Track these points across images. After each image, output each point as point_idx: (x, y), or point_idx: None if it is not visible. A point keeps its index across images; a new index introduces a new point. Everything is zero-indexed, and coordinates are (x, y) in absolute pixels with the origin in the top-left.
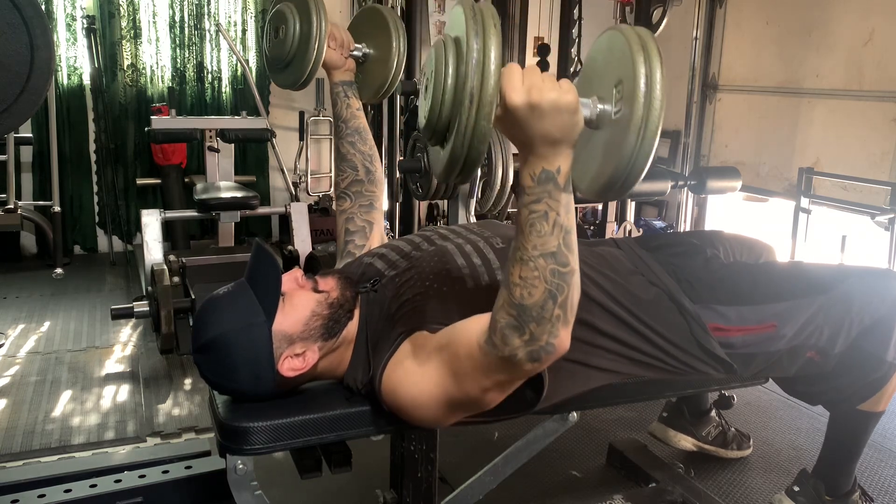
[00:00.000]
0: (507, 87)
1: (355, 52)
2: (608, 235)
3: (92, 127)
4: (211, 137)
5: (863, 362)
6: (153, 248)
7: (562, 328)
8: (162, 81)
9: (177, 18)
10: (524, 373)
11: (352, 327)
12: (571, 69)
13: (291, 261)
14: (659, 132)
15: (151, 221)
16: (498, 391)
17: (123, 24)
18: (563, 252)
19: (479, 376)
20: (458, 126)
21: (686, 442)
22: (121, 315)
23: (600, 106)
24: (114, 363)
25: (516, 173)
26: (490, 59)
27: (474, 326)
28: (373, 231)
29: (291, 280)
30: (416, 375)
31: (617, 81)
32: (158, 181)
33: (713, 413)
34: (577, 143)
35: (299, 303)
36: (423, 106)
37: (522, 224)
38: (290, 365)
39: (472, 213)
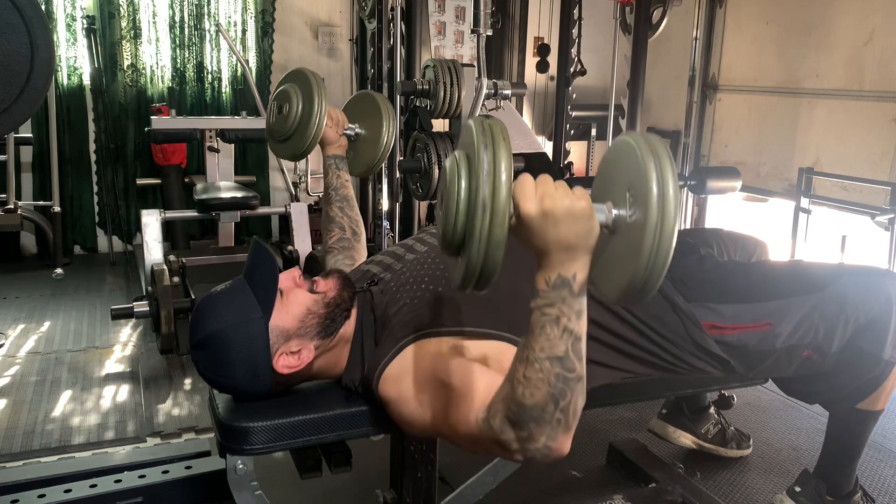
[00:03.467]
0: (521, 196)
1: (348, 132)
2: None
3: (92, 127)
4: (211, 137)
5: (859, 361)
6: (153, 248)
7: (561, 433)
8: (162, 81)
9: (177, 18)
10: (515, 460)
11: (349, 327)
12: (571, 69)
13: (291, 261)
14: (675, 233)
15: (151, 221)
16: (487, 452)
17: (123, 24)
18: (570, 358)
19: (471, 440)
20: (473, 236)
21: (686, 439)
22: (121, 315)
23: (615, 211)
24: (114, 363)
25: None
26: (500, 169)
27: (479, 390)
28: (358, 259)
29: (289, 278)
30: (413, 402)
31: (629, 185)
32: (158, 181)
33: (712, 410)
34: (594, 250)
35: (296, 301)
36: (440, 218)
37: (532, 325)
38: (286, 362)
39: None
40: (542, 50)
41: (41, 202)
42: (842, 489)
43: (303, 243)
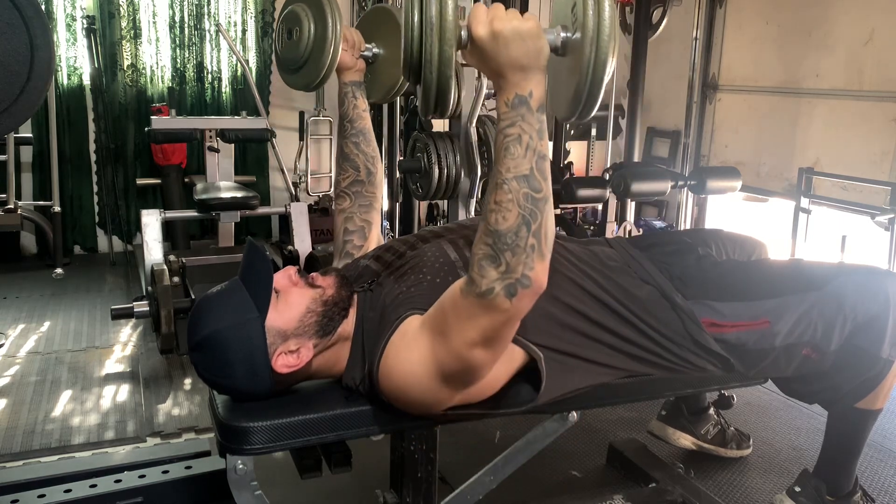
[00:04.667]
0: (473, 20)
1: (366, 53)
2: (608, 236)
3: (92, 127)
4: (211, 137)
5: (858, 360)
6: (153, 248)
7: (537, 260)
8: (162, 81)
9: (177, 18)
10: (503, 312)
11: (347, 326)
12: None
13: (291, 261)
14: (612, 42)
15: (151, 221)
16: (484, 347)
17: (123, 24)
18: (535, 176)
19: (462, 327)
20: (426, 55)
21: (685, 440)
22: (121, 315)
23: (563, 34)
24: (114, 363)
25: None
26: None
27: (458, 282)
28: (371, 231)
29: (285, 277)
30: (408, 351)
31: (573, 6)
32: (158, 181)
33: (711, 411)
34: (547, 70)
35: (294, 300)
36: (401, 50)
37: (498, 150)
38: (285, 361)
39: (472, 212)
40: None
41: (41, 202)
42: (842, 489)
43: (303, 243)
